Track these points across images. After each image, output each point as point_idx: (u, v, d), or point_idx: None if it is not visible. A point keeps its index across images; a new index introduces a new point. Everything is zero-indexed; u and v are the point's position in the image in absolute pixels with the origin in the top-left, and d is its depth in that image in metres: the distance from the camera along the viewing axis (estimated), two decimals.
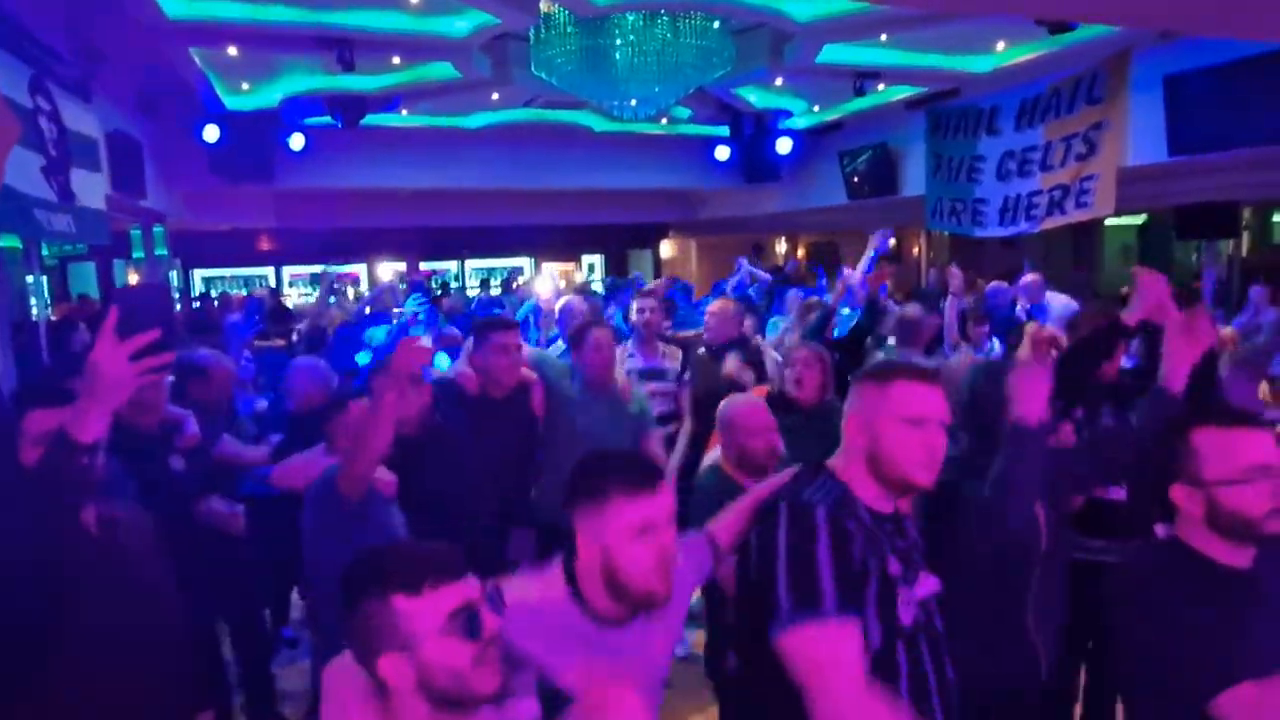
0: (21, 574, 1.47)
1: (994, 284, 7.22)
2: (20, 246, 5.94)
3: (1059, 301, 6.49)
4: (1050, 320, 5.41)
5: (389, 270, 12.87)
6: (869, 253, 4.54)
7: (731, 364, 3.61)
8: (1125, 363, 3.51)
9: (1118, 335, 2.05)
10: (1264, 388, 3.86)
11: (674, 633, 1.57)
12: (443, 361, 4.04)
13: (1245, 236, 11.47)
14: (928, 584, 1.54)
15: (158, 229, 8.01)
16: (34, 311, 6.01)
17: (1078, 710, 2.97)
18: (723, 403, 2.71)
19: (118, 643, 1.72)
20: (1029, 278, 6.68)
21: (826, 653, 1.34)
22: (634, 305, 3.99)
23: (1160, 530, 1.60)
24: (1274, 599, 1.35)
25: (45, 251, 8.63)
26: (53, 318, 7.34)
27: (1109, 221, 12.84)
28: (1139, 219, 13.78)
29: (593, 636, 1.39)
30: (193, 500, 2.85)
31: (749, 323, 5.17)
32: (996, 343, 5.55)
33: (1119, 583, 1.49)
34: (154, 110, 7.14)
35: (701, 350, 4.08)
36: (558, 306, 4.75)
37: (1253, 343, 5.02)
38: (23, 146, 3.95)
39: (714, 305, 4.25)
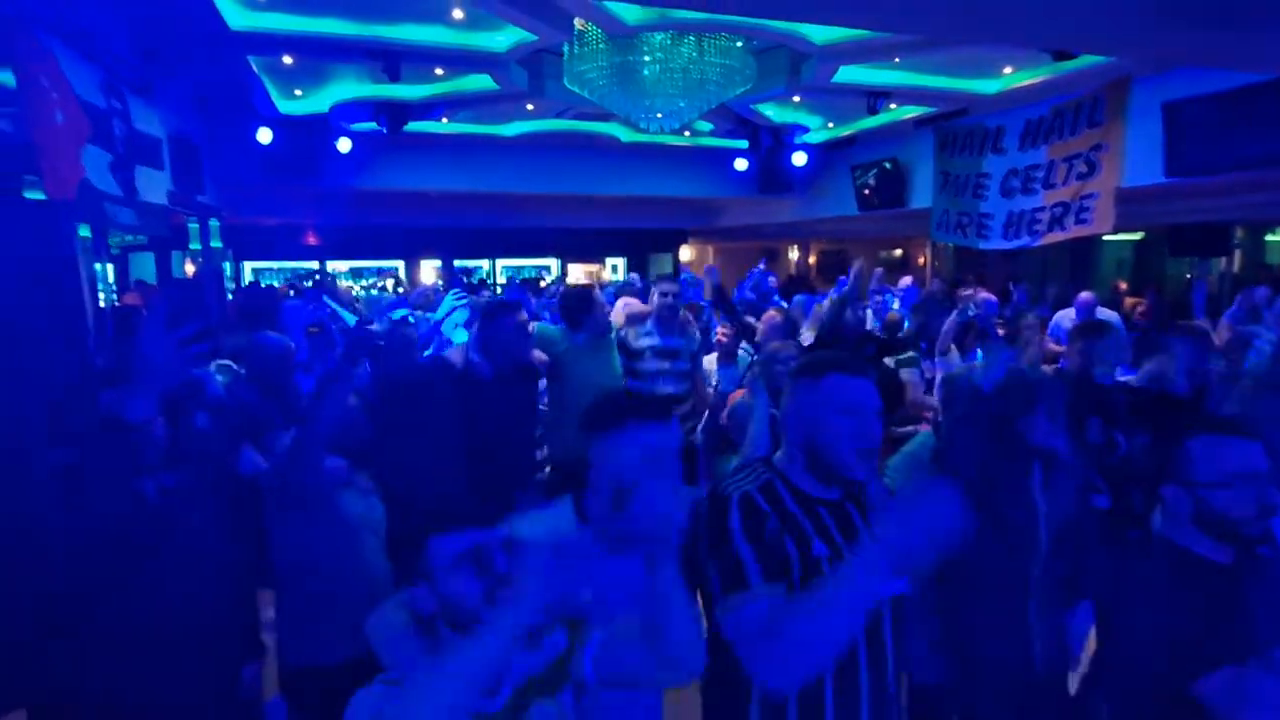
0: (93, 540, 1.54)
1: (986, 296, 7.15)
2: (90, 236, 6.06)
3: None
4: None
5: (430, 269, 12.97)
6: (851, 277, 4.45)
7: None
8: (1121, 375, 3.50)
9: None
10: None
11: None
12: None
13: (1238, 254, 11.33)
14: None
15: (213, 222, 8.14)
16: (100, 298, 6.13)
17: None
18: None
19: (177, 596, 1.81)
20: (1084, 296, 6.54)
21: (760, 625, 1.32)
22: (654, 290, 4.04)
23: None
24: (1250, 593, 1.37)
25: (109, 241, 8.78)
26: (117, 304, 7.46)
27: (1106, 237, 12.71)
28: (1135, 235, 13.63)
29: (603, 561, 1.43)
30: (222, 455, 2.88)
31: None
32: (980, 352, 5.47)
33: (1109, 576, 1.50)
34: (212, 112, 7.26)
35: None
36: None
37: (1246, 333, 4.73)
38: (94, 144, 4.05)
39: (766, 314, 4.28)
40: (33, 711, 1.87)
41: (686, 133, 8.65)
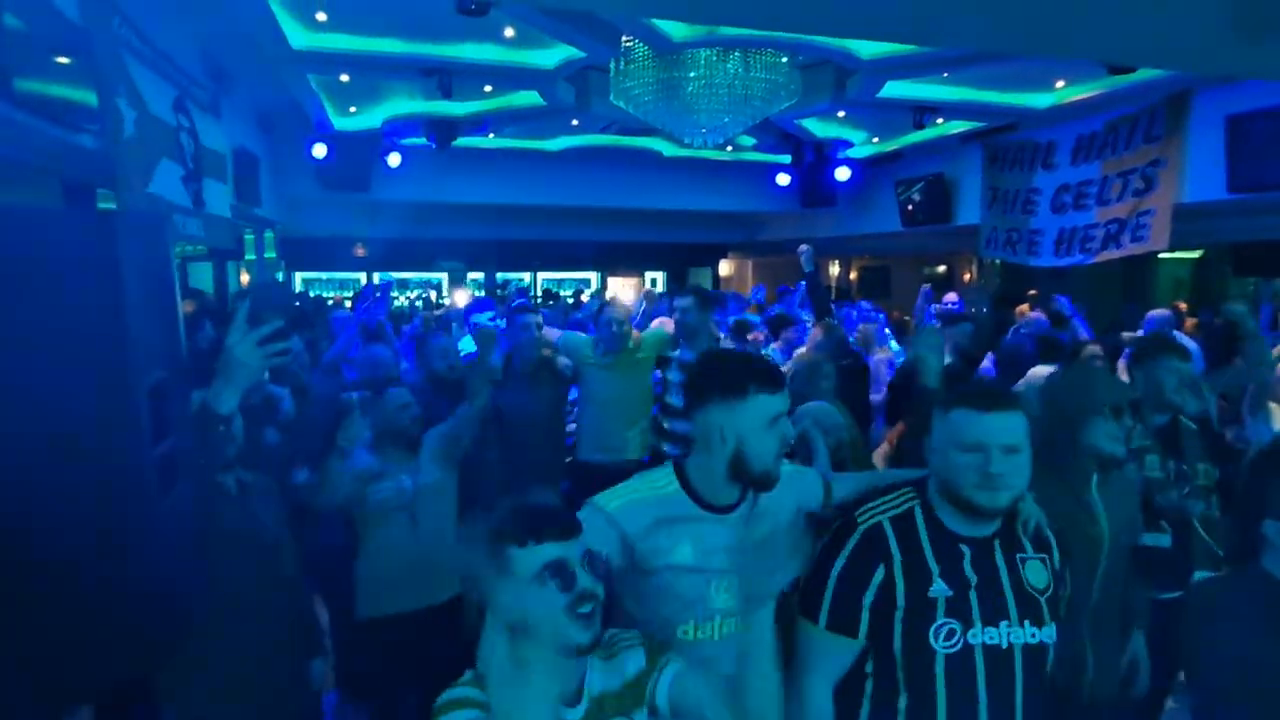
0: (184, 526, 1.62)
1: (1037, 315, 6.99)
2: None
3: None
4: None
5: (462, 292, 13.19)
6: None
7: None
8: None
9: None
10: None
11: (786, 520, 1.57)
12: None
13: None
14: (1013, 633, 1.42)
15: (268, 234, 8.42)
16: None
17: None
18: None
19: (253, 587, 1.91)
20: (1156, 313, 6.31)
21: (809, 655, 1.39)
22: (676, 305, 4.01)
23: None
24: None
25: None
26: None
27: (1162, 255, 12.34)
28: (1194, 254, 13.21)
29: (700, 517, 1.50)
30: (285, 469, 2.99)
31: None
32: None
33: (1200, 608, 1.44)
34: (272, 128, 7.52)
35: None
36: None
37: None
38: (168, 158, 4.24)
39: (860, 328, 4.28)
40: (100, 707, 1.97)
41: (729, 147, 8.68)
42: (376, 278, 12.79)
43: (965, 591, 1.41)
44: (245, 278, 9.76)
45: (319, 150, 7.63)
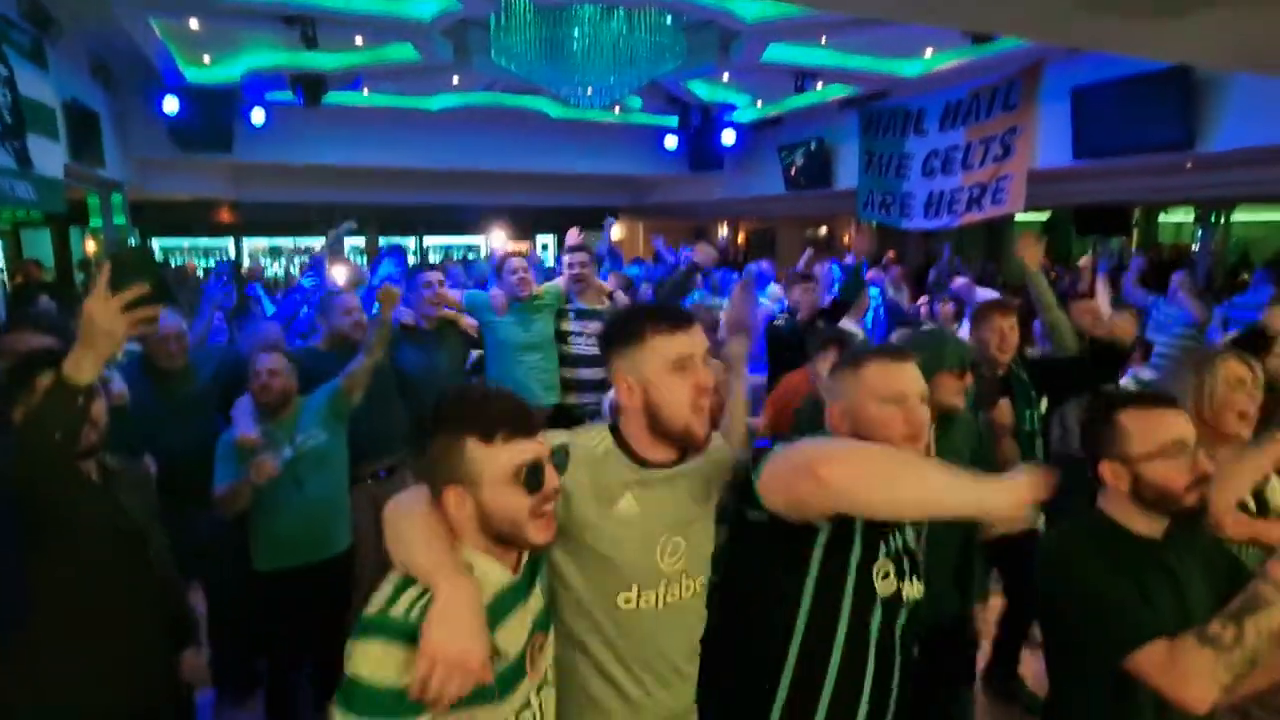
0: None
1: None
2: None
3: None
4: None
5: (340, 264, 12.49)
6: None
7: None
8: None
9: None
10: None
11: (712, 489, 1.50)
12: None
13: (1135, 234, 12.02)
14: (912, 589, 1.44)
15: (116, 197, 7.62)
16: None
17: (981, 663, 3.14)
18: None
19: (104, 578, 1.78)
20: (960, 281, 6.61)
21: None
22: (565, 259, 4.20)
23: None
24: (1179, 569, 1.42)
25: None
26: (8, 284, 6.91)
27: (1018, 217, 13.27)
28: (1044, 215, 14.29)
29: (639, 478, 1.40)
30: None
31: None
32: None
33: (1048, 551, 1.52)
34: (112, 80, 6.74)
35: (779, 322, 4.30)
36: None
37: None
38: None
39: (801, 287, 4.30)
40: None
41: (616, 109, 8.56)
42: (316, 251, 11.90)
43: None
44: (92, 246, 8.83)
45: (170, 105, 6.92)
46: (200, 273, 9.17)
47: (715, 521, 1.50)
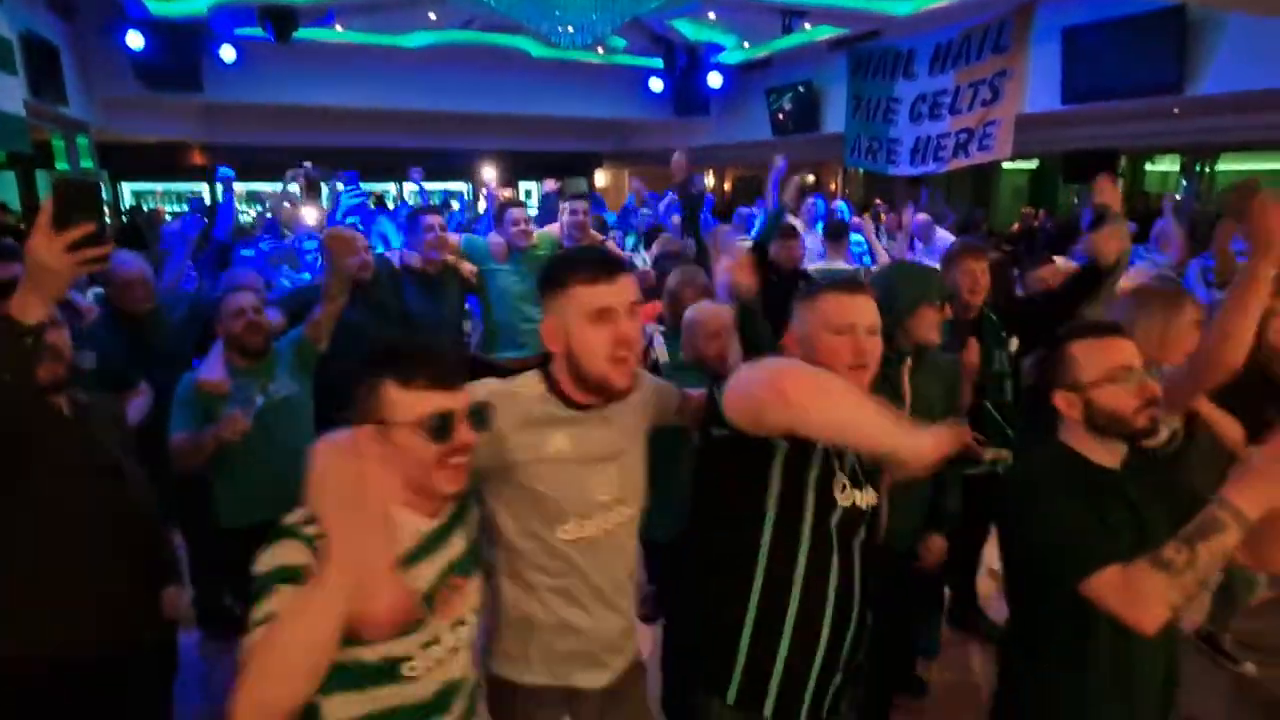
0: None
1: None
2: None
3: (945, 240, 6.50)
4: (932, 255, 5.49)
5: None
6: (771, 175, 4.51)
7: None
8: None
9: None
10: None
11: (642, 427, 1.56)
12: None
13: (1121, 182, 11.96)
14: (866, 497, 1.51)
15: (81, 139, 7.38)
16: None
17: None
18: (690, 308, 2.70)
19: (78, 514, 1.77)
20: (921, 217, 6.58)
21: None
22: (566, 206, 4.13)
23: None
24: (1139, 499, 1.44)
25: None
26: None
27: (1005, 165, 13.19)
28: (1032, 163, 14.19)
29: (569, 416, 1.44)
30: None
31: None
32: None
33: (1013, 482, 1.54)
34: (72, 12, 6.46)
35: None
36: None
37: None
38: None
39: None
40: None
41: (600, 49, 8.32)
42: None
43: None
44: None
45: (134, 40, 6.65)
46: (169, 218, 8.94)
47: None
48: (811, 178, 14.88)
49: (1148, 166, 14.33)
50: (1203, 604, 3.00)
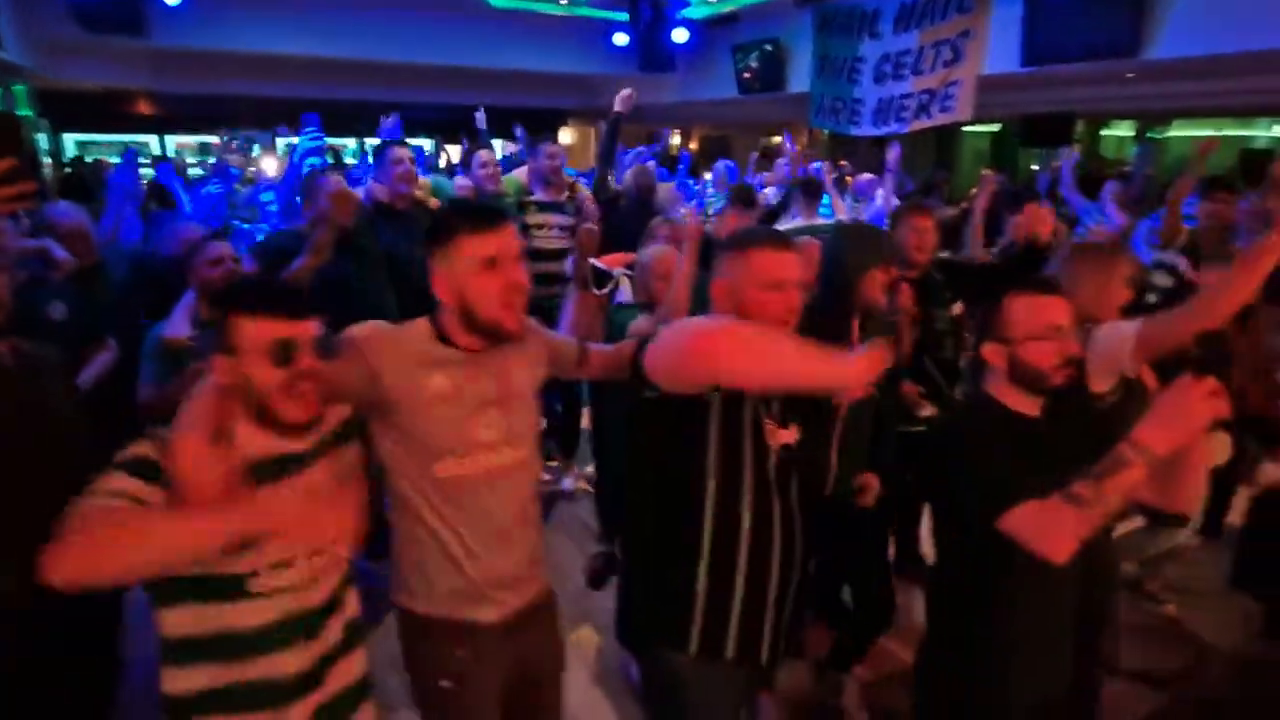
0: None
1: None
2: None
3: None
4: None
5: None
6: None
7: None
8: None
9: None
10: None
11: (531, 374, 1.61)
12: None
13: (1078, 147, 12.11)
14: (789, 435, 1.58)
15: (18, 87, 7.02)
16: None
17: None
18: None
19: (21, 466, 1.74)
20: (865, 177, 6.59)
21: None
22: (546, 150, 4.18)
23: None
24: (1058, 444, 1.51)
25: None
26: None
27: (966, 129, 13.26)
28: (995, 127, 14.28)
29: (452, 358, 1.48)
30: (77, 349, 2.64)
31: None
32: None
33: (941, 429, 1.64)
34: None
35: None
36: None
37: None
38: None
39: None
40: None
41: (562, 0, 8.12)
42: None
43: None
44: None
45: None
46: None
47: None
48: (778, 138, 14.82)
49: (1103, 132, 14.53)
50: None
